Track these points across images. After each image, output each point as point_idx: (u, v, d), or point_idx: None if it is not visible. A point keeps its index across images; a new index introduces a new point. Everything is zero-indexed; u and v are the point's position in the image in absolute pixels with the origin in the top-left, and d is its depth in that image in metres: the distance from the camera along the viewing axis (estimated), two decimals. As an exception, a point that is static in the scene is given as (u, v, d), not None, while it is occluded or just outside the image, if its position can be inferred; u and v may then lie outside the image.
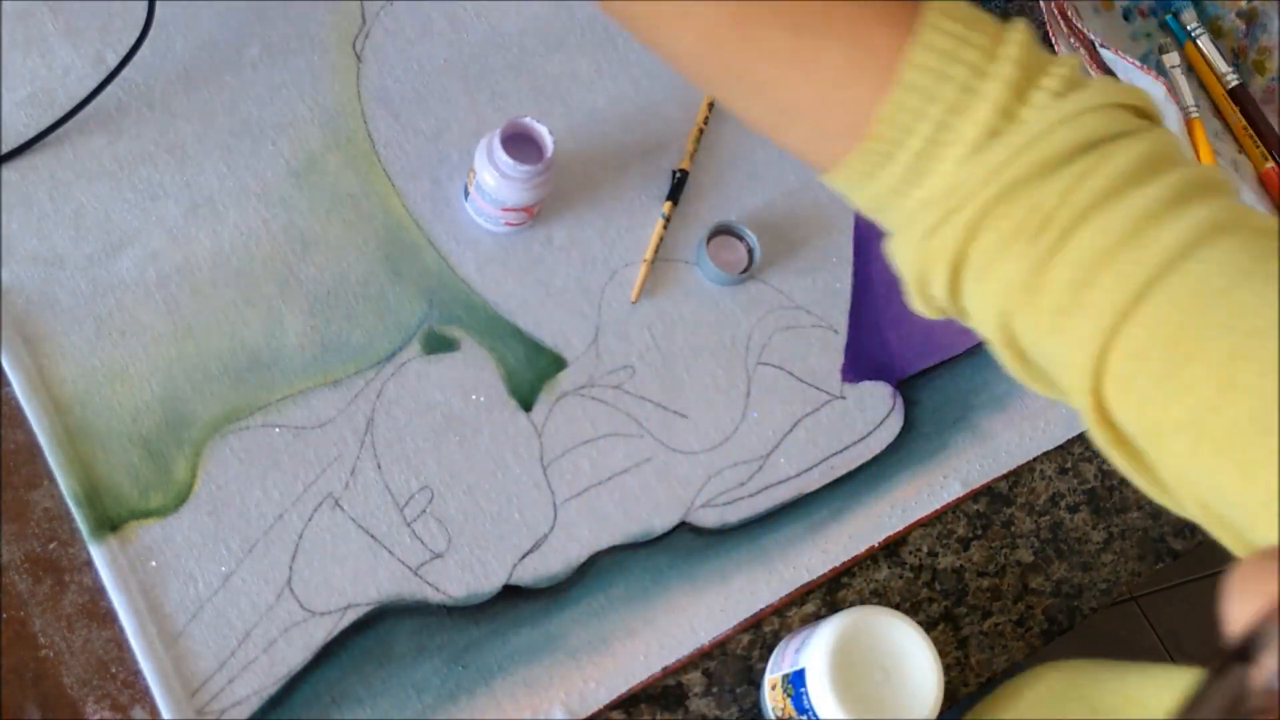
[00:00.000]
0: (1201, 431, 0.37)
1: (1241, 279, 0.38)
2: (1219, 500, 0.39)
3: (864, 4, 0.42)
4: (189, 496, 0.60)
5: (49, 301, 0.61)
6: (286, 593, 0.59)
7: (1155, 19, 0.91)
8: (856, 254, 0.74)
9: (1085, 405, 0.41)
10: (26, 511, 0.58)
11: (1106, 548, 0.74)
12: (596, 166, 0.72)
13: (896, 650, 0.59)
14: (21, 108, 0.64)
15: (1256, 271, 0.38)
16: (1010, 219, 0.41)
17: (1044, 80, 0.42)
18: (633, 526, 0.65)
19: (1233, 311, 0.37)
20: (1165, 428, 0.38)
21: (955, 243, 0.42)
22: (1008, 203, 0.41)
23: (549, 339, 0.67)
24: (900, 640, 0.59)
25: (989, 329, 0.44)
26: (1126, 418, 0.40)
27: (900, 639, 0.59)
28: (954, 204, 0.41)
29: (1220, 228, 0.39)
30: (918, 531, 0.70)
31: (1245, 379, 0.36)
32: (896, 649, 0.59)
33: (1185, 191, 0.40)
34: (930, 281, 0.44)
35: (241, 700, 0.57)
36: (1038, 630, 0.71)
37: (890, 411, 0.71)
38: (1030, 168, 0.40)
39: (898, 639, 0.59)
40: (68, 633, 0.56)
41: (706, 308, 0.70)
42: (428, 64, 0.71)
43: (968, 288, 0.43)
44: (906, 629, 0.59)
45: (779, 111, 0.46)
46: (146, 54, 0.66)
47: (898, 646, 0.59)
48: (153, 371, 0.61)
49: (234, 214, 0.65)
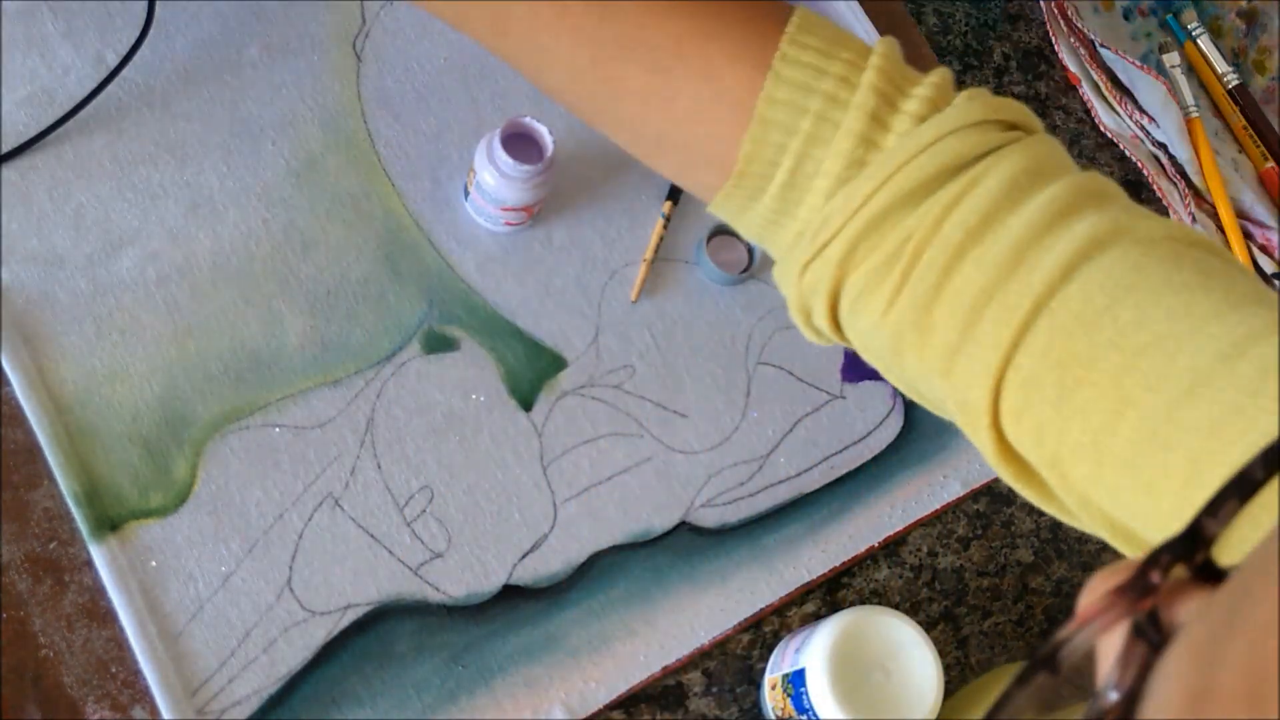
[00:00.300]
0: (1101, 453, 0.37)
1: (1122, 294, 0.37)
2: (1125, 516, 0.38)
3: (720, 37, 0.42)
4: (189, 496, 0.60)
5: (49, 301, 0.61)
6: (286, 592, 0.59)
7: (1155, 18, 0.91)
8: (856, 254, 0.74)
9: (986, 441, 0.40)
10: (26, 511, 0.58)
11: (1107, 547, 0.74)
12: (596, 166, 0.72)
13: (897, 650, 0.59)
14: (21, 107, 0.64)
15: (1137, 285, 0.37)
16: (880, 251, 0.40)
17: (905, 104, 0.41)
18: (633, 526, 0.65)
19: (1117, 329, 0.37)
20: (1064, 454, 0.38)
21: (829, 278, 0.41)
22: (877, 234, 0.40)
23: (549, 338, 0.67)
24: (901, 640, 0.59)
25: (875, 361, 0.44)
26: (1027, 449, 0.40)
27: (901, 639, 0.59)
28: (824, 238, 0.41)
29: (1099, 242, 0.38)
30: (918, 531, 0.70)
31: (1136, 395, 0.36)
32: (897, 649, 0.59)
33: (1061, 209, 0.39)
34: (811, 312, 0.44)
35: (241, 700, 0.57)
36: (1038, 630, 0.71)
37: (890, 411, 0.71)
38: (895, 198, 0.40)
39: (898, 639, 0.59)
40: (68, 632, 0.56)
41: (706, 307, 0.70)
42: (428, 64, 0.71)
43: (845, 320, 0.43)
44: (907, 629, 0.59)
45: (650, 143, 0.46)
46: (146, 54, 0.66)
47: (898, 646, 0.59)
48: (153, 371, 0.61)
49: (234, 214, 0.65)
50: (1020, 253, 0.39)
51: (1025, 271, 0.38)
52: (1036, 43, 0.86)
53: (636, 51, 0.43)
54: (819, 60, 0.41)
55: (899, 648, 0.58)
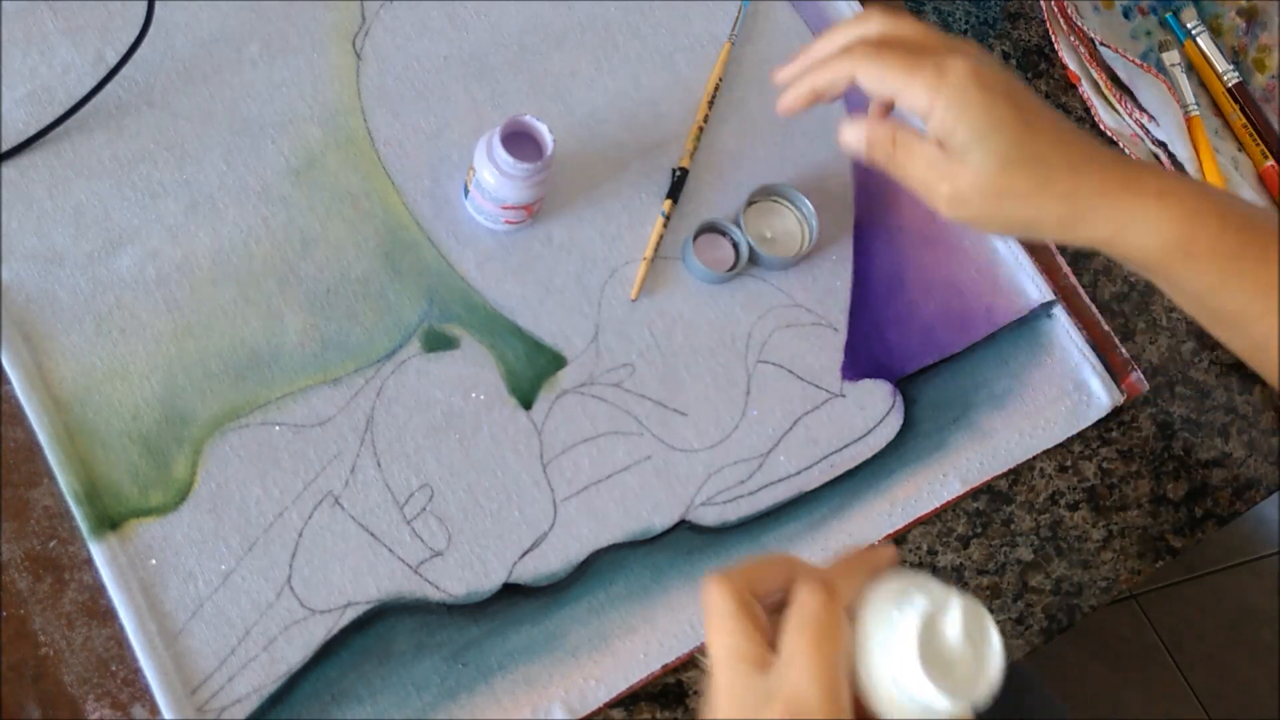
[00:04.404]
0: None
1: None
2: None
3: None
4: (189, 494, 0.60)
5: (49, 300, 0.61)
6: (286, 591, 0.59)
7: (1155, 17, 0.91)
8: (856, 252, 0.74)
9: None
10: (26, 510, 0.58)
11: (1106, 546, 0.74)
12: (596, 165, 0.72)
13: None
14: (21, 105, 0.64)
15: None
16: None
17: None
18: (632, 524, 0.65)
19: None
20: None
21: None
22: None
23: (549, 337, 0.67)
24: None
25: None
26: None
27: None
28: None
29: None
30: (917, 529, 0.70)
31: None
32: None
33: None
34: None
35: (241, 698, 0.57)
36: (1038, 628, 0.71)
37: (890, 409, 0.71)
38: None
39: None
40: (68, 631, 0.57)
41: (706, 306, 0.70)
42: (428, 62, 0.71)
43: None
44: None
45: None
46: (146, 52, 0.66)
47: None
48: (152, 369, 0.61)
49: (234, 212, 0.65)
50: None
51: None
52: (1036, 41, 0.86)
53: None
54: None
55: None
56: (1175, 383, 0.79)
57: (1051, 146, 0.57)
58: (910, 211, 0.76)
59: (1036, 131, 0.57)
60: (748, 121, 0.75)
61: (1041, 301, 0.76)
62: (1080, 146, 0.58)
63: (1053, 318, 0.76)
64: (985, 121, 0.56)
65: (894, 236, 0.75)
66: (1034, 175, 0.57)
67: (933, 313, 0.74)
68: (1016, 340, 0.75)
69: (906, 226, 0.76)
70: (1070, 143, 0.58)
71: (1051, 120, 0.58)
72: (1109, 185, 0.57)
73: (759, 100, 0.76)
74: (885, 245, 0.75)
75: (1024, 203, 0.57)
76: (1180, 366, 0.80)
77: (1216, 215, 0.57)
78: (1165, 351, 0.80)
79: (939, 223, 0.76)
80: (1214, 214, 0.57)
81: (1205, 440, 0.78)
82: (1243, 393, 0.81)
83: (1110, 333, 0.77)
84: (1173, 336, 0.80)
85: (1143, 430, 0.77)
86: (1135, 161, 0.60)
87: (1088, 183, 0.57)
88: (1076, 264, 0.79)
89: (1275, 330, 0.57)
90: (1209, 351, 0.81)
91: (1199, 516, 0.77)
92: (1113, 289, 0.80)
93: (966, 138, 0.56)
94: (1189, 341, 0.81)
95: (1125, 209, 0.57)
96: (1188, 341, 0.81)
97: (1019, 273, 0.76)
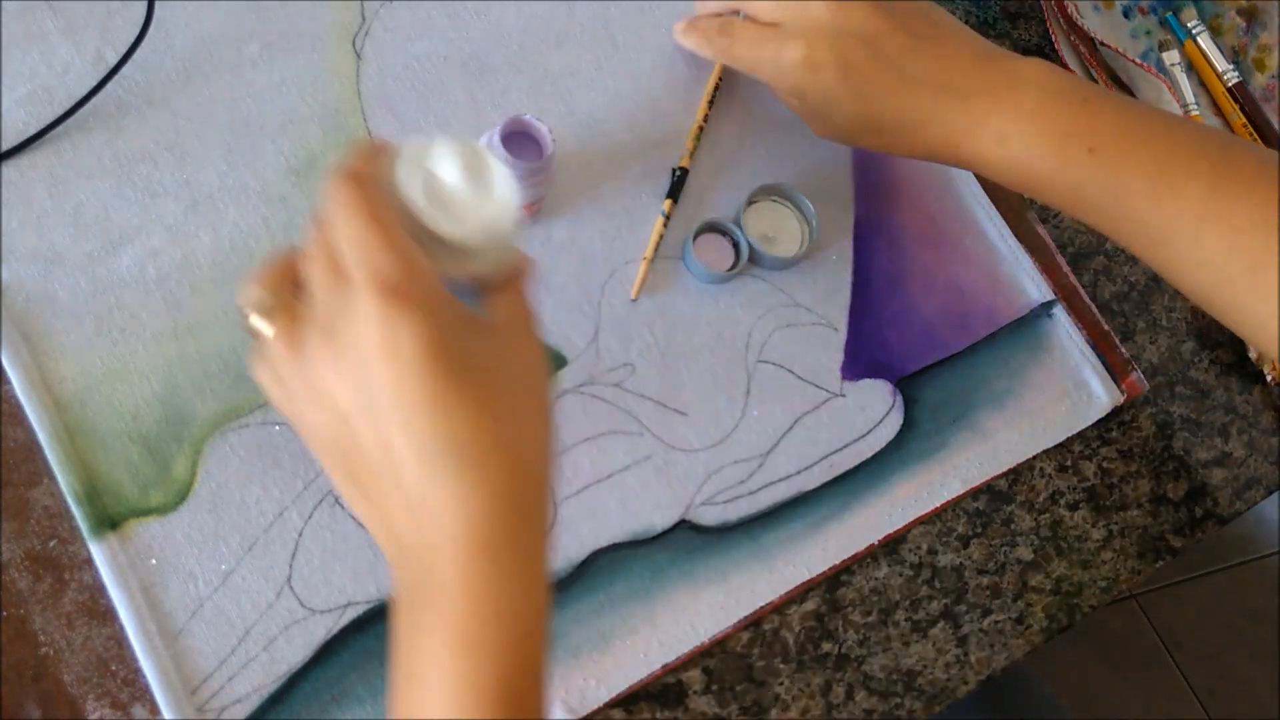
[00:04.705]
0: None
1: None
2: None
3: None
4: (189, 494, 0.60)
5: (48, 299, 0.61)
6: (286, 590, 0.59)
7: (1155, 17, 0.91)
8: (856, 252, 0.74)
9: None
10: (26, 509, 0.58)
11: (1106, 545, 0.74)
12: (596, 164, 0.72)
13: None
14: (21, 105, 0.64)
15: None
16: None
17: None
18: (632, 524, 0.65)
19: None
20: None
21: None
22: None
23: (549, 337, 0.67)
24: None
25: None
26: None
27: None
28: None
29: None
30: (917, 529, 0.70)
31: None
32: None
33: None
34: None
35: (241, 698, 0.57)
36: (1037, 628, 0.71)
37: (890, 409, 0.71)
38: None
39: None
40: (68, 630, 0.57)
41: (706, 306, 0.70)
42: (428, 62, 0.71)
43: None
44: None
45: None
46: (146, 52, 0.66)
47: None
48: (152, 369, 0.61)
49: (234, 212, 0.65)
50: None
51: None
52: (1036, 40, 0.86)
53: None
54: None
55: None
56: (1175, 383, 0.79)
57: (895, 110, 0.62)
58: (910, 211, 0.76)
59: (876, 101, 0.62)
60: (748, 121, 0.75)
61: (1041, 301, 0.76)
62: (922, 102, 0.62)
63: (1053, 318, 0.76)
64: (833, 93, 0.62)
65: (894, 236, 0.75)
66: (883, 136, 0.63)
67: (933, 313, 0.74)
68: (1016, 340, 0.75)
69: (907, 226, 0.76)
70: (913, 100, 0.62)
71: (895, 74, 0.62)
72: (969, 85, 0.61)
73: (759, 100, 0.76)
74: (885, 245, 0.75)
75: (878, 142, 0.64)
76: (1180, 366, 0.80)
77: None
78: (1165, 351, 0.80)
79: (939, 223, 0.76)
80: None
81: (1205, 440, 0.78)
82: (1243, 393, 0.81)
83: (1110, 333, 0.77)
84: (1173, 336, 0.80)
85: (1143, 430, 0.77)
86: (984, 53, 0.63)
87: (936, 135, 0.62)
88: (1076, 264, 0.79)
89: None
90: (1209, 351, 0.81)
91: (1199, 516, 0.77)
92: (1113, 289, 0.80)
93: (817, 101, 0.62)
94: (1189, 341, 0.81)
95: (976, 114, 0.61)
96: (1188, 341, 0.81)
97: (1019, 273, 0.76)
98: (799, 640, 0.66)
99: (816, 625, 0.67)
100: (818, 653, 0.67)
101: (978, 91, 0.60)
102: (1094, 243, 0.81)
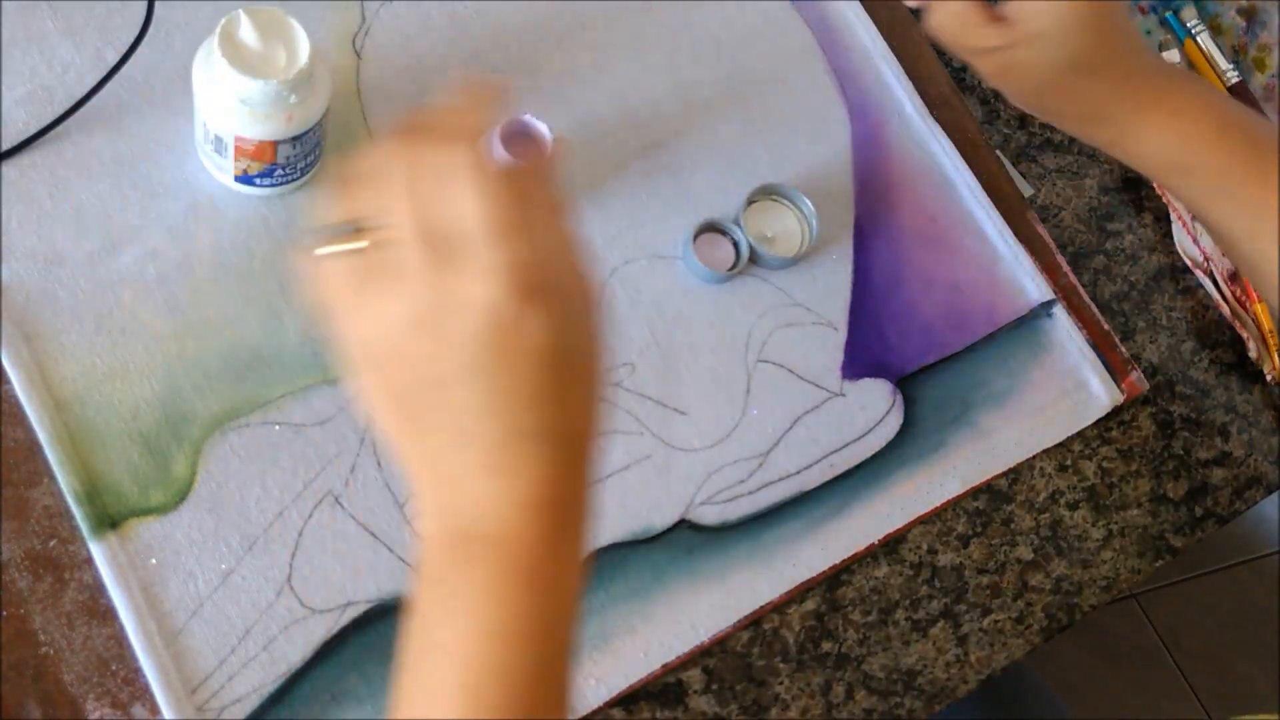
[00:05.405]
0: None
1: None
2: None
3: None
4: (189, 494, 0.60)
5: (49, 299, 0.61)
6: (286, 590, 0.59)
7: (1155, 16, 0.91)
8: (856, 252, 0.74)
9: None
10: (26, 509, 0.58)
11: (1106, 545, 0.74)
12: (596, 164, 0.72)
13: None
14: (21, 105, 0.64)
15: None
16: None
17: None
18: (632, 523, 0.65)
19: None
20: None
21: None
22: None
23: (549, 336, 0.67)
24: None
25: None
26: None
27: None
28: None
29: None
30: (917, 528, 0.70)
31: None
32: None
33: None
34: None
35: (241, 698, 0.57)
36: (1037, 628, 0.71)
37: (890, 409, 0.71)
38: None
39: None
40: (68, 630, 0.57)
41: (706, 305, 0.70)
42: (428, 61, 0.71)
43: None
44: None
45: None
46: (146, 51, 0.66)
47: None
48: (153, 369, 0.61)
49: (234, 212, 0.65)
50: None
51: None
52: (1036, 40, 0.86)
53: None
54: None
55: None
56: (1175, 382, 0.79)
57: (1117, 55, 0.60)
58: (910, 211, 0.76)
59: (1106, 36, 0.59)
60: (748, 121, 0.75)
61: (1041, 301, 0.76)
62: (1132, 59, 0.60)
63: (1053, 317, 0.76)
64: (1072, 19, 0.58)
65: (894, 236, 0.75)
66: (1081, 81, 0.60)
67: (933, 312, 0.74)
68: (1016, 340, 0.75)
69: (906, 226, 0.76)
70: (1128, 51, 0.60)
71: (1124, 27, 0.61)
72: (1139, 98, 0.60)
73: (759, 100, 0.76)
74: (885, 245, 0.75)
75: (1061, 100, 0.61)
76: (1180, 366, 0.80)
77: (1215, 130, 0.59)
78: (1165, 351, 0.80)
79: (939, 223, 0.76)
80: (1213, 129, 0.59)
81: (1205, 440, 0.78)
82: (1243, 392, 0.81)
83: (1110, 332, 0.77)
84: (1173, 336, 0.80)
85: (1143, 430, 0.77)
86: (1167, 74, 0.62)
87: (1117, 91, 0.60)
88: (1076, 264, 0.79)
89: (1262, 250, 0.59)
90: (1209, 351, 0.81)
91: (1199, 516, 0.77)
92: (1113, 288, 0.80)
93: (1048, 25, 0.58)
94: (1189, 341, 0.81)
95: (1136, 121, 0.60)
96: (1188, 341, 0.81)
97: (1019, 272, 0.76)
98: (799, 639, 0.66)
99: (816, 624, 0.67)
100: (818, 652, 0.67)
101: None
102: (1094, 243, 0.81)
